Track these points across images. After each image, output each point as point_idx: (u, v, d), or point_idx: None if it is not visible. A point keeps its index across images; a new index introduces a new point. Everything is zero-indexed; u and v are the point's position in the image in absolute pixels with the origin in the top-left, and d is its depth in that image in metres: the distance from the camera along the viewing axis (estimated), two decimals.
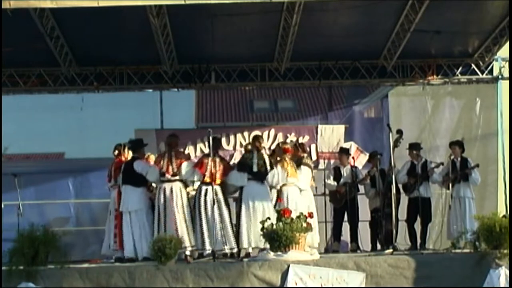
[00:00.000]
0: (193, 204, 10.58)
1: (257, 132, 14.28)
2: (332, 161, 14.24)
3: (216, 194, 10.34)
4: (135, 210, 10.66)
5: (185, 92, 14.45)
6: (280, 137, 14.44)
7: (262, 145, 11.23)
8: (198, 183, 10.68)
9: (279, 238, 9.28)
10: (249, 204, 10.49)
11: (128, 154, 11.24)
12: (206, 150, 13.38)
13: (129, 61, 13.15)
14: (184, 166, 10.59)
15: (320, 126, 14.96)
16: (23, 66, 13.04)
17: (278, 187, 10.85)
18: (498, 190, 13.40)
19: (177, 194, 10.48)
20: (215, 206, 10.27)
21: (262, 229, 9.66)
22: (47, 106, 14.79)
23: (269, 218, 9.71)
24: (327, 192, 12.45)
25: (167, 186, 10.52)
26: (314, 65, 13.53)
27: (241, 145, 14.15)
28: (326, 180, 12.31)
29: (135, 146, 11.09)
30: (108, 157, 11.86)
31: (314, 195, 12.11)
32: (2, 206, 11.72)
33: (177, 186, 10.53)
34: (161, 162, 10.62)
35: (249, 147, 11.34)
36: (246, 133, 14.52)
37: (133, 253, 10.54)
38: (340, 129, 14.94)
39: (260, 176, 10.62)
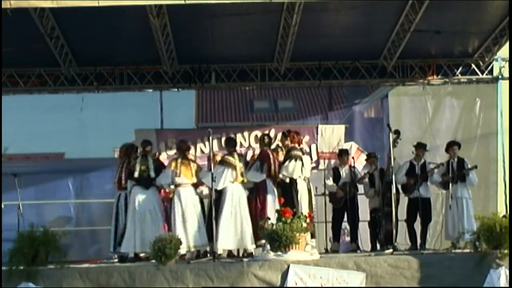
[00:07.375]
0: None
1: (257, 132, 14.27)
2: (332, 161, 14.20)
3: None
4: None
5: (185, 92, 14.43)
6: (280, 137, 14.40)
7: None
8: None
9: (279, 238, 9.29)
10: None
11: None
12: (206, 150, 13.36)
13: (129, 61, 13.14)
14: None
15: (320, 126, 14.92)
16: (23, 66, 13.01)
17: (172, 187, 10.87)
18: (498, 190, 13.39)
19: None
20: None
21: (261, 228, 9.70)
22: (47, 106, 14.78)
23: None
24: (327, 192, 12.44)
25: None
26: (314, 65, 13.51)
27: (241, 145, 14.13)
28: (325, 181, 12.29)
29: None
30: (108, 157, 11.88)
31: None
32: (2, 206, 11.73)
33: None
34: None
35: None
36: (246, 133, 14.48)
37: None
38: (340, 129, 14.90)
39: (144, 181, 10.67)
